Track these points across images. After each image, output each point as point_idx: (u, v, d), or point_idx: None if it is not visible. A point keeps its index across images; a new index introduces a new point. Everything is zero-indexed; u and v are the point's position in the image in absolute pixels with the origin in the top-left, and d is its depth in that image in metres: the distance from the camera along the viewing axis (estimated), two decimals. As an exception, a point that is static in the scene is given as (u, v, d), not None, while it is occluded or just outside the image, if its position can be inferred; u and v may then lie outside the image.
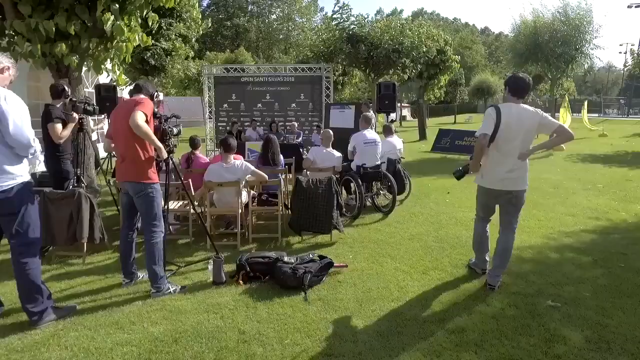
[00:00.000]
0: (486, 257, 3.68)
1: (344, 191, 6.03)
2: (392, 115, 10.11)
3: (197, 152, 5.74)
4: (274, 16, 53.53)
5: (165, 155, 3.29)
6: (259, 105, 12.34)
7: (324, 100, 12.03)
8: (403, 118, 42.07)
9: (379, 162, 5.89)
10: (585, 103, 17.22)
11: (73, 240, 4.12)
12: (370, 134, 5.87)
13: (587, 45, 13.40)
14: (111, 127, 3.45)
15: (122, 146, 3.26)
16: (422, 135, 19.46)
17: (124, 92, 13.17)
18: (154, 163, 3.34)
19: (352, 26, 10.99)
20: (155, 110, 3.46)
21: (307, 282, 3.37)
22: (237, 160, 4.65)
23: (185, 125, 21.23)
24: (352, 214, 5.59)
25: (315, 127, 11.60)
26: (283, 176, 5.53)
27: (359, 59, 10.86)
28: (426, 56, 11.77)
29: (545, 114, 3.24)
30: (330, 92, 12.00)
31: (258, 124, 11.54)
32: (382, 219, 5.74)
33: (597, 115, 33.22)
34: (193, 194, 4.79)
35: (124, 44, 5.79)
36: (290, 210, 4.91)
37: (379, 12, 56.30)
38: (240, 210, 4.60)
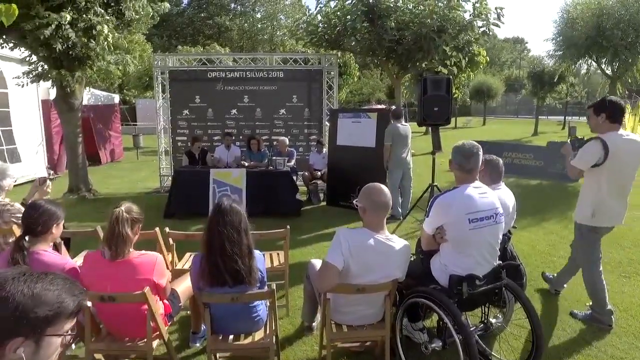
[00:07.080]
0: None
1: (400, 313, 2.54)
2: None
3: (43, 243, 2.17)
4: (258, 15, 50.27)
5: None
6: (234, 111, 8.76)
7: (325, 104, 8.54)
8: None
9: (497, 264, 2.37)
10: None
11: None
12: (484, 195, 2.31)
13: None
14: None
15: None
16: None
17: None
18: None
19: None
20: None
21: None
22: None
23: (147, 133, 17.36)
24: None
25: (314, 144, 8.10)
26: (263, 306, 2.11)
27: (382, 44, 7.20)
28: (472, 41, 8.16)
29: None
30: (333, 92, 8.51)
31: (233, 138, 8.02)
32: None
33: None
34: None
35: None
36: None
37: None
38: None
